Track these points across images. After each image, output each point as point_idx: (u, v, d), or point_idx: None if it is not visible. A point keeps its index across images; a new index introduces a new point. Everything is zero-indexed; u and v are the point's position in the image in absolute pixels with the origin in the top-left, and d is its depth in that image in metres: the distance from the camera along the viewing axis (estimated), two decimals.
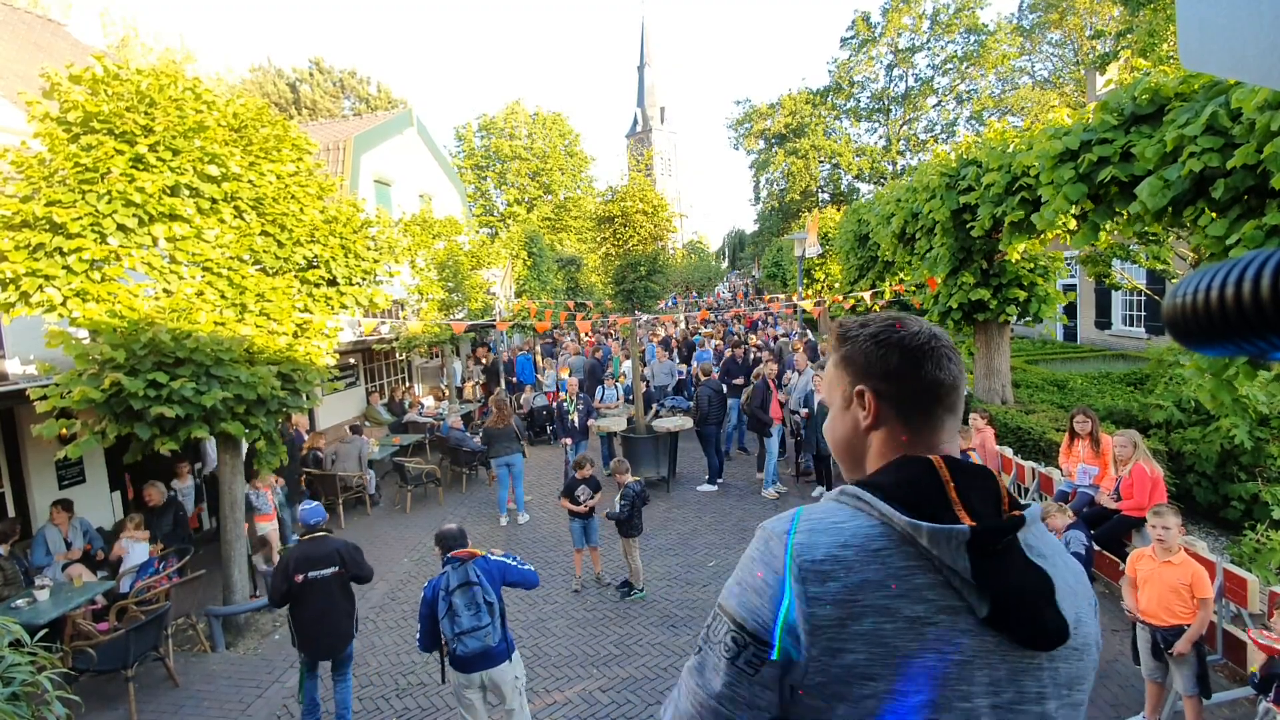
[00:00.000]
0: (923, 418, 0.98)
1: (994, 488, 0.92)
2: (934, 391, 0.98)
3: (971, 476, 0.92)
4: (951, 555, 0.83)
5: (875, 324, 1.03)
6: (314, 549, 4.69)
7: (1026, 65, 34.35)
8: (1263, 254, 0.45)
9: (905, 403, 0.98)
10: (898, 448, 0.98)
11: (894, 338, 0.99)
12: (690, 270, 41.22)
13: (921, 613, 0.82)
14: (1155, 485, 5.38)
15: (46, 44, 10.91)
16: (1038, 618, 0.85)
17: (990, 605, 0.83)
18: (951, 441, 1.00)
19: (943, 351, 0.99)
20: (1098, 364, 14.57)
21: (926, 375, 0.98)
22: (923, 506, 0.87)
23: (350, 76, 39.19)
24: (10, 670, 3.71)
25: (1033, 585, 0.86)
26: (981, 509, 0.88)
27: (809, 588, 0.83)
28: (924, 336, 0.99)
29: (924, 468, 0.92)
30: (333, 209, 7.13)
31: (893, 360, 0.98)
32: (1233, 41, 0.61)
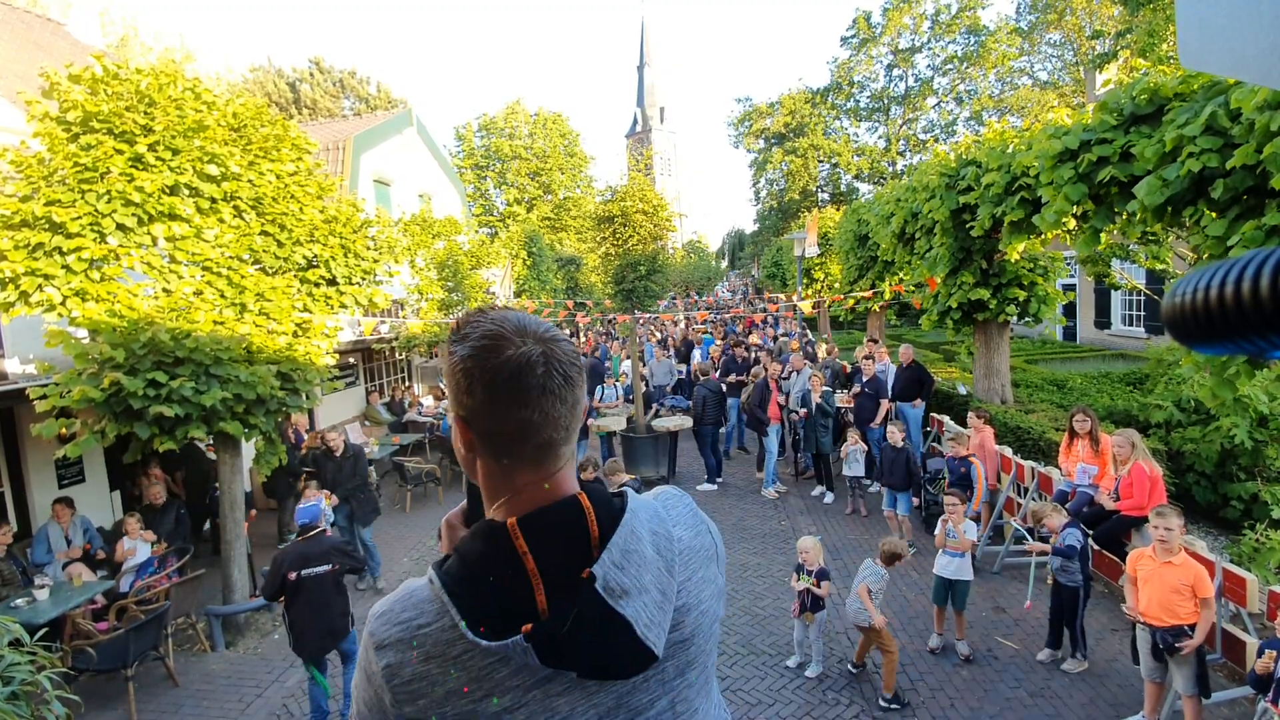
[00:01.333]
0: (516, 460, 0.89)
1: (579, 526, 0.87)
2: (520, 434, 0.87)
3: (554, 528, 0.87)
4: (522, 658, 0.81)
5: (470, 340, 0.87)
6: (309, 548, 4.72)
7: (1026, 66, 34.37)
8: (1262, 253, 0.45)
9: (493, 442, 0.88)
10: (499, 486, 0.91)
11: (483, 365, 0.85)
12: (690, 270, 41.25)
13: (509, 703, 0.82)
14: (1155, 485, 5.39)
15: (46, 44, 10.90)
16: (622, 660, 0.84)
17: (578, 668, 0.83)
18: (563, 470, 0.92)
19: (541, 383, 0.85)
20: (1097, 364, 14.58)
21: (495, 411, 0.86)
22: (501, 593, 0.84)
23: (350, 76, 39.17)
24: (10, 669, 3.71)
25: (610, 638, 0.83)
26: (564, 567, 0.84)
27: (404, 709, 0.84)
28: (515, 364, 0.85)
29: (501, 541, 0.86)
30: (332, 209, 7.13)
31: (476, 394, 0.86)
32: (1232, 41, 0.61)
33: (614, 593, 0.84)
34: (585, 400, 0.93)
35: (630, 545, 0.88)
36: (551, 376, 0.86)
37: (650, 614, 0.86)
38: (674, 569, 0.91)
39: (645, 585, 0.87)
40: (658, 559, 0.90)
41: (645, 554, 0.88)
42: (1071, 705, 4.59)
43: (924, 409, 9.43)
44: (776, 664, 5.37)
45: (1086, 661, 4.97)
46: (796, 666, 5.25)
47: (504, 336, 0.86)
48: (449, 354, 0.91)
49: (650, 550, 0.89)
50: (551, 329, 0.91)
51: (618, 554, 0.86)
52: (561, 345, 0.89)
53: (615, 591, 0.84)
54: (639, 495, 0.98)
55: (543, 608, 0.83)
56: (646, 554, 0.89)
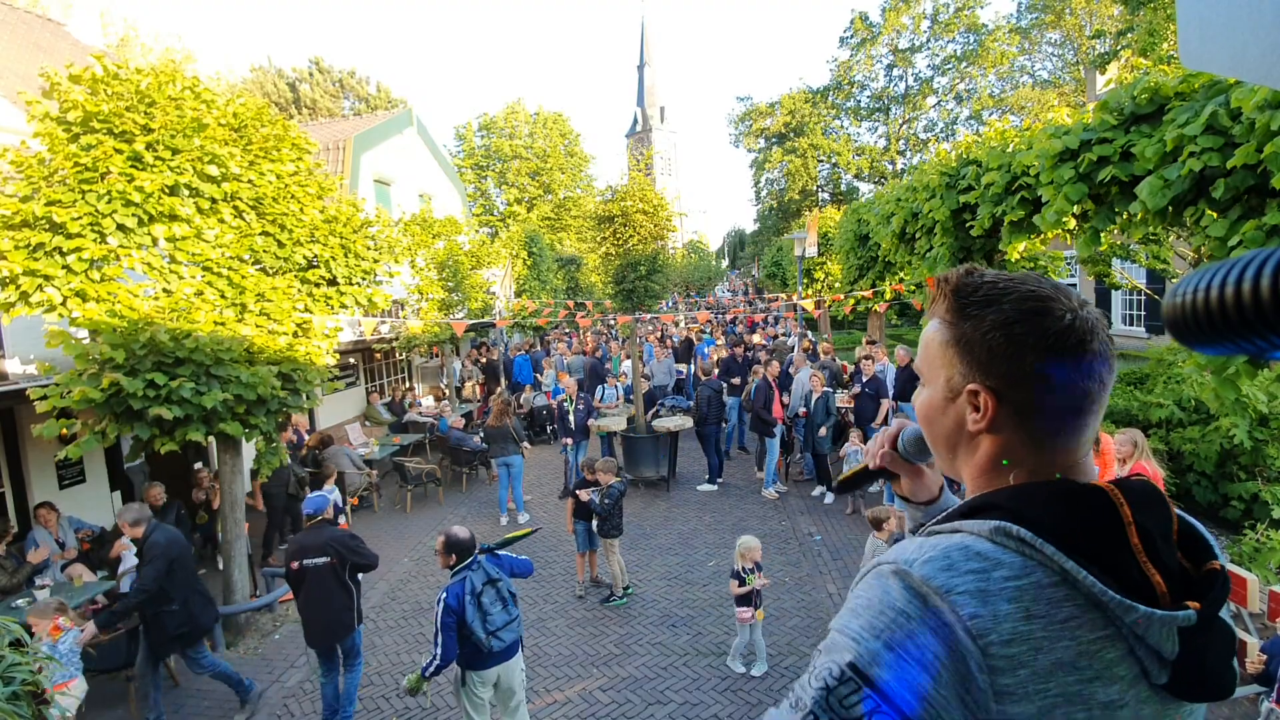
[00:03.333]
0: (1062, 432, 0.78)
1: (1167, 516, 0.76)
2: (1082, 403, 0.77)
3: (1147, 508, 0.74)
4: (1160, 637, 0.68)
5: (1010, 299, 0.78)
6: (310, 538, 4.74)
7: (1026, 65, 34.34)
8: (1262, 253, 0.45)
9: (1041, 414, 0.78)
10: (1023, 462, 0.80)
11: (1036, 328, 0.76)
12: (690, 270, 41.22)
13: (1115, 695, 0.68)
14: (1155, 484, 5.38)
15: (46, 44, 10.90)
16: (1219, 680, 0.72)
17: (1171, 673, 0.70)
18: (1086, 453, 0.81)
19: (1100, 347, 0.76)
20: None
21: (1077, 384, 0.76)
22: (1103, 559, 0.70)
23: (350, 76, 39.18)
24: (10, 670, 3.71)
25: (1222, 650, 0.71)
26: (1165, 556, 0.72)
27: (999, 679, 0.65)
28: (1079, 327, 0.76)
29: (1097, 502, 0.73)
30: (332, 209, 7.13)
31: (1029, 361, 0.76)
32: (1233, 41, 0.61)
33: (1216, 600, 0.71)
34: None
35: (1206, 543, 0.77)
36: (1109, 345, 0.78)
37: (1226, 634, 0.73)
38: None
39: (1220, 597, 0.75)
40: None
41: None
42: None
43: None
44: (776, 664, 5.38)
45: None
46: (745, 671, 5.29)
47: (1053, 299, 0.77)
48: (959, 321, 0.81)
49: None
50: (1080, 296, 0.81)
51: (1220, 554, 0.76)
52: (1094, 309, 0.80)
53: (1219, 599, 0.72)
54: None
55: (1162, 590, 0.69)
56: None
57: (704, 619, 6.21)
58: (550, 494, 10.33)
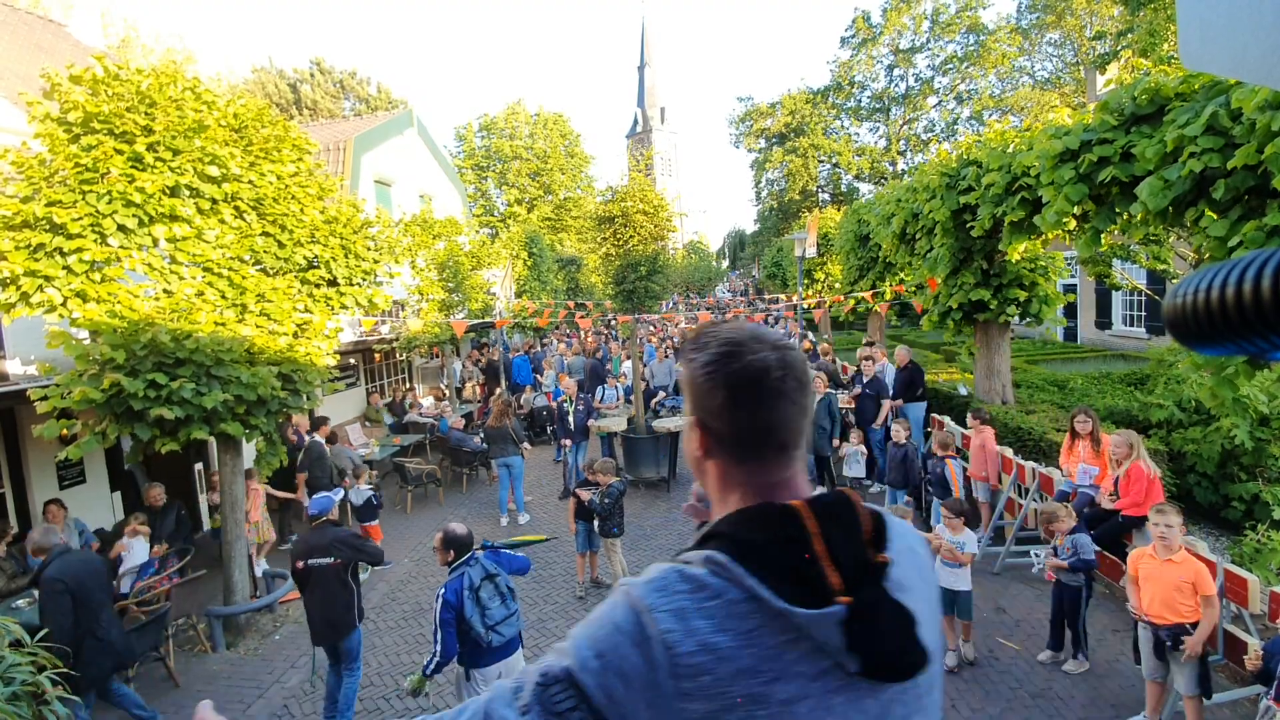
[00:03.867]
0: (758, 459, 0.92)
1: (854, 519, 0.87)
2: (766, 434, 0.90)
3: (833, 515, 0.86)
4: (826, 634, 0.79)
5: (711, 348, 0.93)
6: (315, 538, 4.78)
7: (1026, 65, 34.35)
8: (1263, 254, 0.45)
9: (736, 443, 0.92)
10: (735, 485, 0.93)
11: (723, 371, 0.90)
12: (691, 270, 41.25)
13: (794, 691, 0.79)
14: (1152, 484, 5.38)
15: (47, 45, 10.91)
16: (905, 657, 0.82)
17: (860, 660, 0.80)
18: (800, 471, 0.93)
19: (777, 387, 0.89)
20: (1098, 364, 14.57)
21: (758, 418, 0.89)
22: (792, 569, 0.81)
23: (351, 77, 39.21)
24: (10, 670, 3.72)
25: (900, 629, 0.82)
26: (848, 553, 0.83)
27: (682, 684, 0.77)
28: (755, 370, 0.89)
29: (786, 521, 0.85)
30: (333, 209, 7.13)
31: (719, 397, 0.90)
32: (1233, 42, 0.61)
33: (896, 585, 0.85)
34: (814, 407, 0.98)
35: (902, 543, 0.90)
36: (786, 380, 0.89)
37: (923, 613, 0.85)
38: (926, 577, 0.94)
39: (916, 585, 0.88)
40: (914, 568, 0.92)
41: (907, 558, 0.90)
42: (1073, 706, 4.58)
43: (925, 409, 9.42)
44: None
45: (1088, 662, 4.96)
46: None
47: (743, 344, 0.91)
48: (687, 362, 0.96)
49: (908, 557, 0.91)
50: (783, 338, 0.95)
51: (895, 549, 0.88)
52: (794, 352, 0.92)
53: (895, 584, 0.85)
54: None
55: (837, 586, 0.80)
56: (908, 558, 0.90)
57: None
58: (550, 494, 10.33)
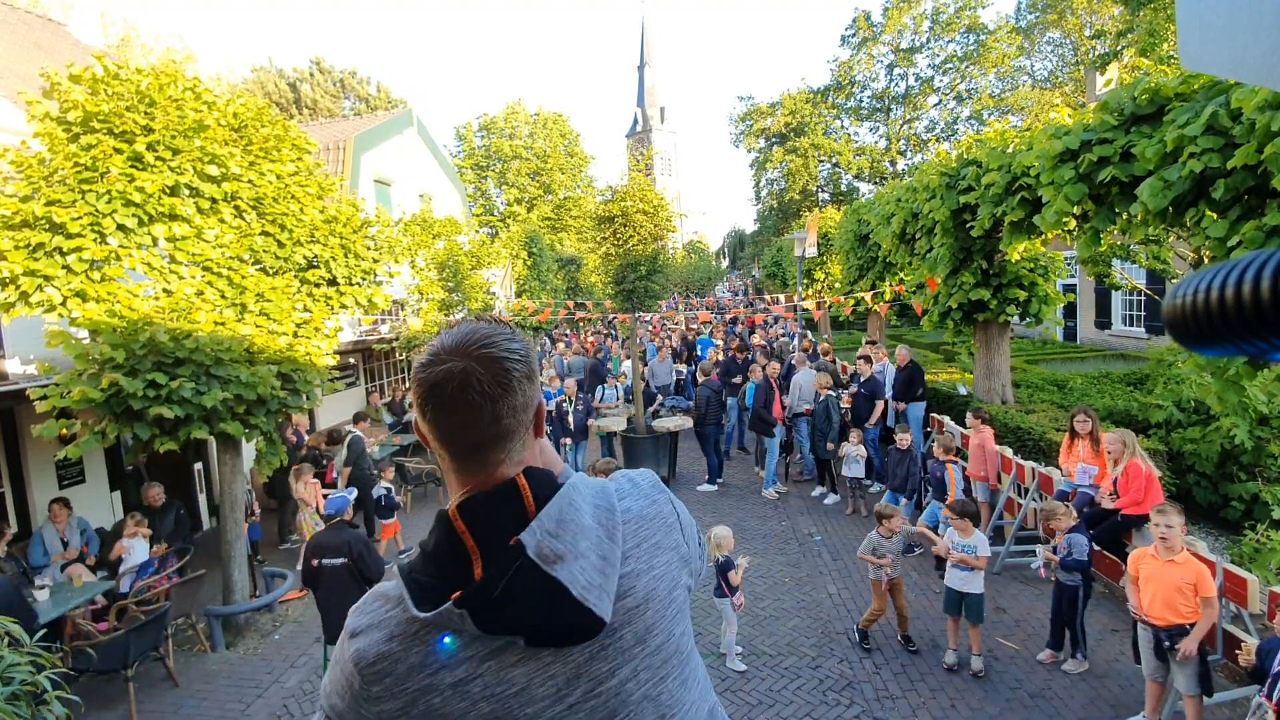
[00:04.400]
0: (449, 460, 0.98)
1: (515, 507, 0.92)
2: (443, 439, 0.96)
3: (489, 511, 0.92)
4: (462, 625, 0.86)
5: (424, 353, 0.98)
6: (329, 537, 4.82)
7: (1026, 65, 34.34)
8: (1263, 254, 0.45)
9: (433, 443, 0.98)
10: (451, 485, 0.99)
11: (418, 377, 0.96)
12: (690, 270, 41.18)
13: (463, 674, 0.88)
14: (1150, 481, 5.38)
15: (47, 44, 10.91)
16: (563, 625, 0.88)
17: (524, 636, 0.88)
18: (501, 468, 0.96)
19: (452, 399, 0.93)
20: (1098, 364, 14.57)
21: (434, 422, 0.95)
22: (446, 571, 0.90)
23: (350, 76, 39.18)
24: (9, 670, 3.71)
25: (545, 601, 0.87)
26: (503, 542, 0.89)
27: (371, 689, 0.89)
28: (434, 379, 0.93)
29: (444, 524, 0.93)
30: (332, 209, 7.13)
31: (415, 401, 0.97)
32: (1233, 42, 0.61)
33: (547, 558, 0.88)
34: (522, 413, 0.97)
35: (566, 515, 0.92)
36: (466, 390, 0.92)
37: (589, 577, 0.90)
38: (615, 536, 0.95)
39: (581, 551, 0.91)
40: (596, 527, 0.94)
41: (582, 522, 0.93)
42: (1072, 706, 4.58)
43: (924, 409, 9.42)
44: (777, 664, 5.37)
45: (1087, 662, 4.96)
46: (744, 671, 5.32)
47: (437, 353, 0.96)
48: None
49: (589, 519, 0.94)
50: (490, 346, 0.95)
51: (550, 523, 0.91)
52: (485, 363, 0.94)
53: (549, 557, 0.88)
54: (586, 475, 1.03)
55: (479, 577, 0.88)
56: (584, 522, 0.93)
57: (703, 620, 6.21)
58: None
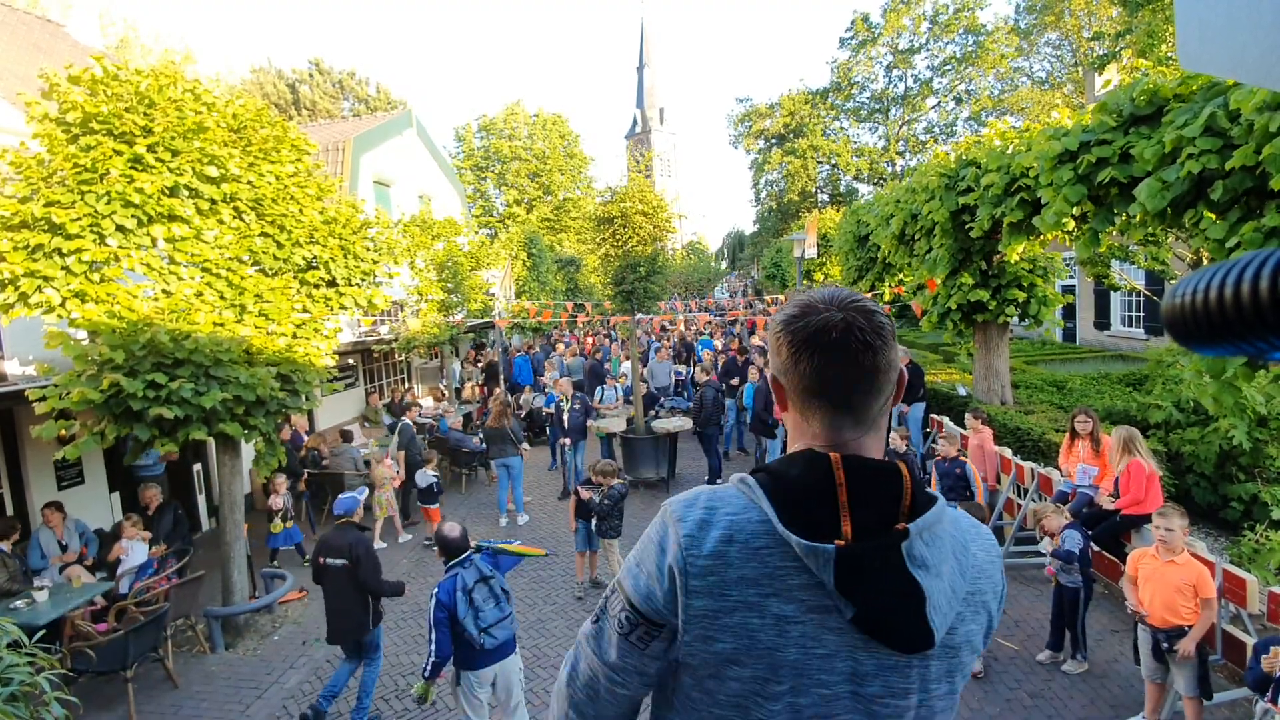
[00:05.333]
0: (814, 412, 0.97)
1: (895, 490, 0.91)
2: (816, 388, 0.95)
3: (871, 479, 0.91)
4: (819, 568, 0.86)
5: (789, 308, 1.00)
6: (335, 537, 4.83)
7: (1024, 66, 34.37)
8: (1262, 254, 0.45)
9: (797, 395, 0.98)
10: (803, 435, 0.99)
11: (789, 328, 0.97)
12: (690, 271, 41.19)
13: (790, 612, 0.87)
14: (1151, 480, 5.37)
15: (46, 45, 10.90)
16: (902, 626, 0.87)
17: (855, 610, 0.86)
18: (864, 437, 0.97)
19: (834, 345, 0.93)
20: (1097, 364, 14.58)
21: (810, 371, 0.95)
22: (810, 508, 0.89)
23: (350, 77, 39.18)
24: (9, 671, 3.71)
25: (900, 597, 0.86)
26: (875, 514, 0.89)
27: (690, 581, 0.90)
28: (813, 327, 0.94)
29: (820, 466, 0.92)
30: (332, 210, 7.13)
31: (784, 353, 0.97)
32: (1232, 42, 0.61)
33: (915, 560, 0.87)
34: (891, 371, 0.96)
35: (938, 530, 0.91)
36: (849, 336, 0.93)
37: (940, 599, 0.88)
38: (965, 574, 0.94)
39: (943, 571, 0.90)
40: (953, 558, 0.93)
41: (945, 546, 0.92)
42: (1072, 706, 4.58)
43: (924, 410, 9.42)
44: None
45: (1087, 663, 4.96)
46: None
47: (811, 305, 0.97)
48: (769, 326, 1.06)
49: (949, 546, 0.93)
50: (861, 301, 0.97)
51: (925, 528, 0.89)
52: (863, 315, 0.95)
53: (917, 559, 0.87)
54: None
55: (847, 535, 0.86)
56: (946, 547, 0.92)
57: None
58: (550, 495, 10.32)
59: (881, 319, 0.96)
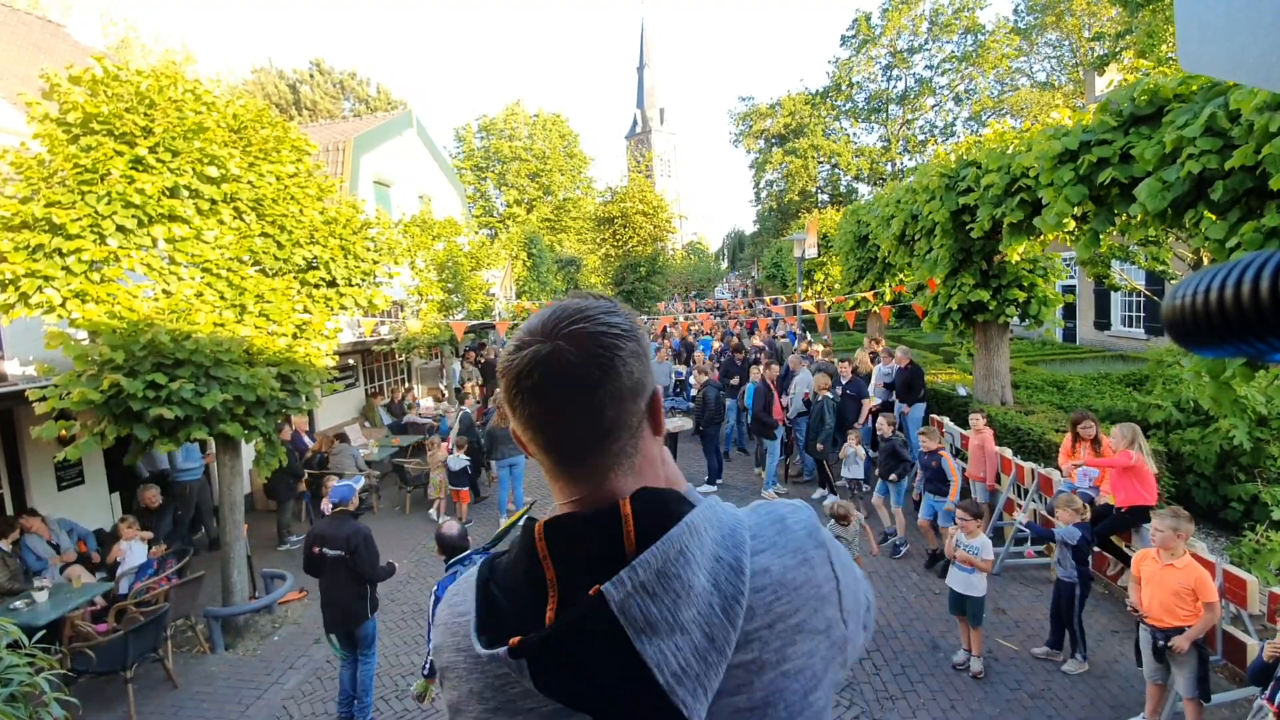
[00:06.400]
0: (545, 466, 0.84)
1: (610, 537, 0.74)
2: (531, 438, 0.81)
3: (577, 536, 0.76)
4: (519, 674, 0.71)
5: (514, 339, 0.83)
6: (331, 527, 4.80)
7: (1024, 66, 34.39)
8: (1262, 255, 0.45)
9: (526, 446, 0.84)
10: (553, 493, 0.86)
11: (501, 369, 0.81)
12: (690, 271, 41.25)
13: None
14: (1139, 473, 5.31)
15: (46, 45, 10.91)
16: (641, 712, 0.68)
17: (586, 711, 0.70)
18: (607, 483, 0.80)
19: (536, 389, 0.77)
20: (1097, 365, 14.58)
21: (523, 419, 0.80)
22: (524, 597, 0.76)
23: (350, 78, 39.21)
24: (8, 671, 3.71)
25: (620, 679, 0.68)
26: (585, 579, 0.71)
27: (447, 694, 0.82)
28: (516, 368, 0.78)
29: (528, 543, 0.79)
30: (332, 210, 7.13)
31: (504, 393, 0.82)
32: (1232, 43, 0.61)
33: (635, 623, 0.68)
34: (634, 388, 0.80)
35: (672, 568, 0.70)
36: (556, 375, 0.76)
37: (684, 661, 0.68)
38: (734, 609, 0.71)
39: (682, 622, 0.69)
40: (711, 591, 0.71)
41: (693, 581, 0.70)
42: (1072, 706, 4.58)
43: (924, 410, 9.42)
44: None
45: (1087, 663, 4.96)
46: None
47: (521, 337, 0.80)
48: None
49: (703, 578, 0.71)
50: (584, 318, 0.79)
51: (649, 574, 0.70)
52: (577, 341, 0.77)
53: (637, 622, 0.68)
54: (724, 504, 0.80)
55: (549, 621, 0.72)
56: (695, 582, 0.70)
57: None
58: (551, 495, 10.30)
59: (608, 339, 0.78)
